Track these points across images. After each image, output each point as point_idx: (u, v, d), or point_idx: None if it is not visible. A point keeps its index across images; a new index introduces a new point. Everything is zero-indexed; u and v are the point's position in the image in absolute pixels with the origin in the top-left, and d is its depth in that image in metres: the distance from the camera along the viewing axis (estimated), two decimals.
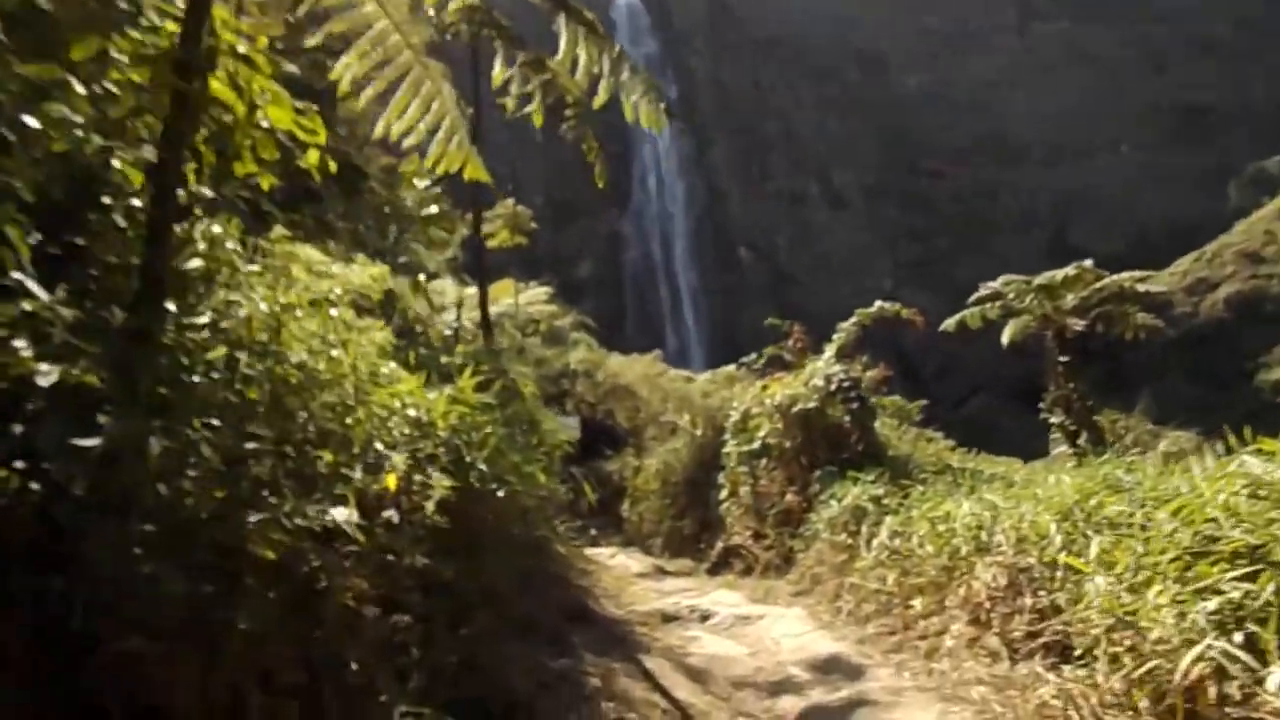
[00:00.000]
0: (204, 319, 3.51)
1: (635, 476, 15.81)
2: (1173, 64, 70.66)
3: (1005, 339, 10.55)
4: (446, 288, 17.00)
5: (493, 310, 18.77)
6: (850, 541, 8.03)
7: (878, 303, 10.18)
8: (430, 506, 4.13)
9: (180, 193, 3.54)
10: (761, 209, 68.94)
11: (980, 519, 6.42)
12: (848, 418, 9.45)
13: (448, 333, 11.25)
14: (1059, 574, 4.83)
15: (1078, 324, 9.97)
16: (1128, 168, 66.54)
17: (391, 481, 3.78)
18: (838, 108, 69.83)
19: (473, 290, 19.63)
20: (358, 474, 3.59)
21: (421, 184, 15.56)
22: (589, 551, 13.38)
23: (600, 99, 6.73)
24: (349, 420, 3.90)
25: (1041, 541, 5.21)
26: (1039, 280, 10.15)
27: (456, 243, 23.67)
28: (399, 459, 3.98)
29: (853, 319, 10.29)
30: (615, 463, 17.96)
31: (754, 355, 13.04)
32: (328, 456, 3.51)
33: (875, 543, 7.27)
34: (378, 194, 15.47)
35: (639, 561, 12.99)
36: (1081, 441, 9.42)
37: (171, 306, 3.16)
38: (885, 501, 8.12)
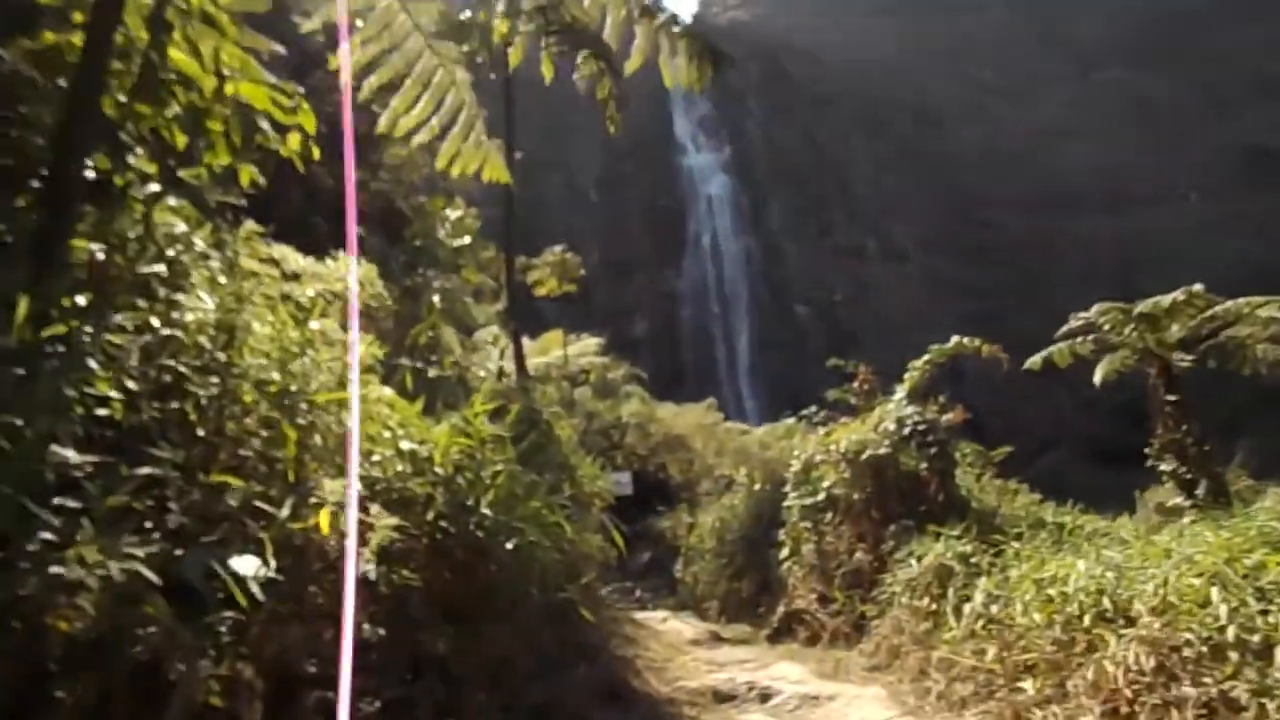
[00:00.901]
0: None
1: (689, 534, 14.69)
2: (1235, 107, 68.47)
3: (1098, 377, 9.28)
4: (493, 335, 16.33)
5: (541, 360, 18.01)
6: (935, 607, 6.80)
7: (954, 338, 9.05)
8: (371, 553, 3.14)
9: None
10: (818, 265, 67.88)
11: (1102, 582, 5.23)
12: (924, 465, 8.28)
13: (483, 373, 10.44)
14: (1233, 655, 3.67)
15: (1185, 359, 8.71)
16: (1194, 214, 64.12)
17: (324, 521, 2.81)
18: (893, 162, 68.87)
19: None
20: (285, 511, 2.67)
21: (454, 215, 14.95)
22: (639, 615, 12.19)
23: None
24: (285, 444, 2.99)
25: (1199, 613, 4.05)
26: (1140, 308, 8.91)
27: (506, 296, 23.06)
28: (336, 487, 3.01)
29: (926, 356, 9.17)
30: (669, 519, 16.85)
31: (814, 408, 11.82)
32: (234, 484, 2.60)
33: (967, 609, 6.04)
34: (418, 236, 14.88)
35: (692, 627, 11.72)
36: (1199, 493, 8.12)
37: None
38: (975, 561, 6.90)
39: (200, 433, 2.78)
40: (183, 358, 2.97)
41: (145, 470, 2.37)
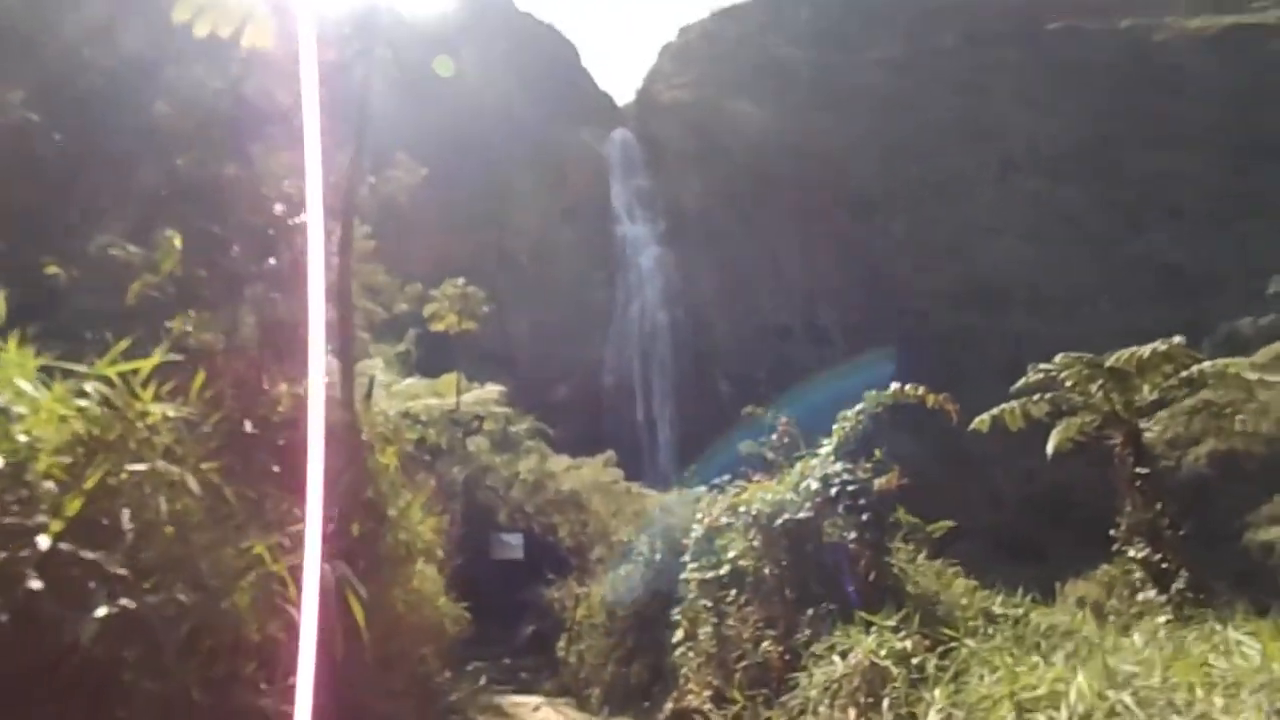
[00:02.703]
0: None
1: (576, 607, 12.69)
2: (1146, 225, 70.70)
3: (1052, 444, 7.79)
4: (376, 371, 14.35)
5: (429, 403, 16.00)
6: None
7: (893, 384, 7.46)
8: None
9: None
10: (745, 342, 67.18)
11: (1117, 705, 3.51)
12: (853, 536, 6.59)
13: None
14: None
15: (1154, 429, 7.25)
16: (1108, 321, 65.35)
17: None
18: (824, 248, 69.09)
19: (410, 382, 16.89)
20: None
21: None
22: (510, 700, 10.18)
23: None
24: None
25: None
26: (1112, 361, 7.47)
27: (410, 339, 21.11)
28: None
29: (859, 406, 7.54)
30: (560, 588, 14.82)
31: (727, 477, 9.99)
32: None
33: None
34: None
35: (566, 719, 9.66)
36: (1179, 585, 6.59)
37: None
38: (917, 662, 5.14)
39: None
40: None
41: None
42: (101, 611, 2.46)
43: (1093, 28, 77.22)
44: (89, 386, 3.24)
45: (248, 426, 5.09)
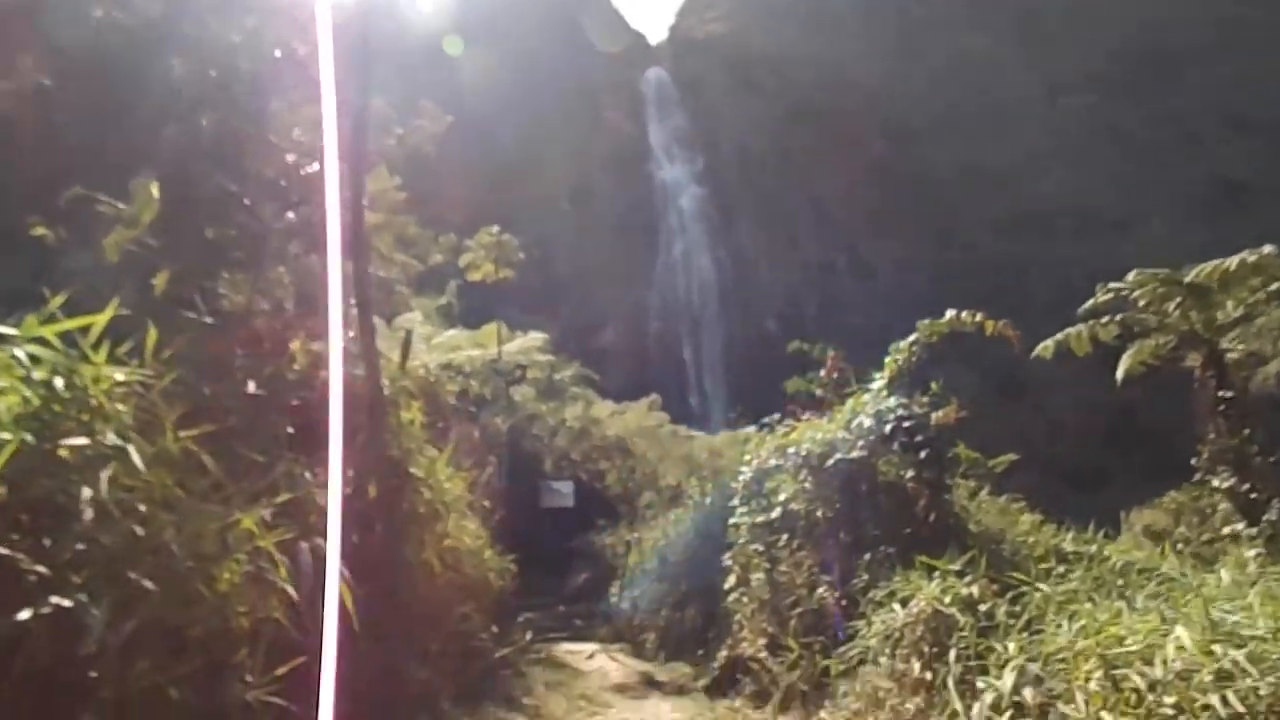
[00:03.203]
0: None
1: (628, 553, 12.47)
2: (1205, 140, 67.64)
3: (1123, 368, 7.18)
4: (414, 324, 14.14)
5: (470, 354, 15.77)
6: (928, 675, 4.62)
7: (950, 311, 6.94)
8: None
9: None
10: (789, 280, 66.17)
11: (1226, 663, 3.08)
12: (910, 475, 6.16)
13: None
14: None
15: (1236, 347, 6.65)
16: (1162, 242, 62.93)
17: None
18: (865, 179, 67.31)
19: (452, 334, 16.66)
20: None
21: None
22: (565, 648, 9.99)
23: None
24: None
25: None
26: (1191, 276, 6.81)
27: (451, 290, 20.86)
28: None
29: (913, 336, 7.05)
30: (611, 535, 14.63)
31: (777, 416, 9.48)
32: None
33: (986, 691, 3.86)
34: None
35: (622, 667, 9.47)
36: (1272, 516, 6.06)
37: None
38: (986, 609, 4.74)
39: None
40: None
41: None
42: (25, 614, 2.15)
43: None
44: (19, 351, 2.91)
45: (251, 387, 4.80)
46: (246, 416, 4.45)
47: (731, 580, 7.96)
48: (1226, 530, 6.57)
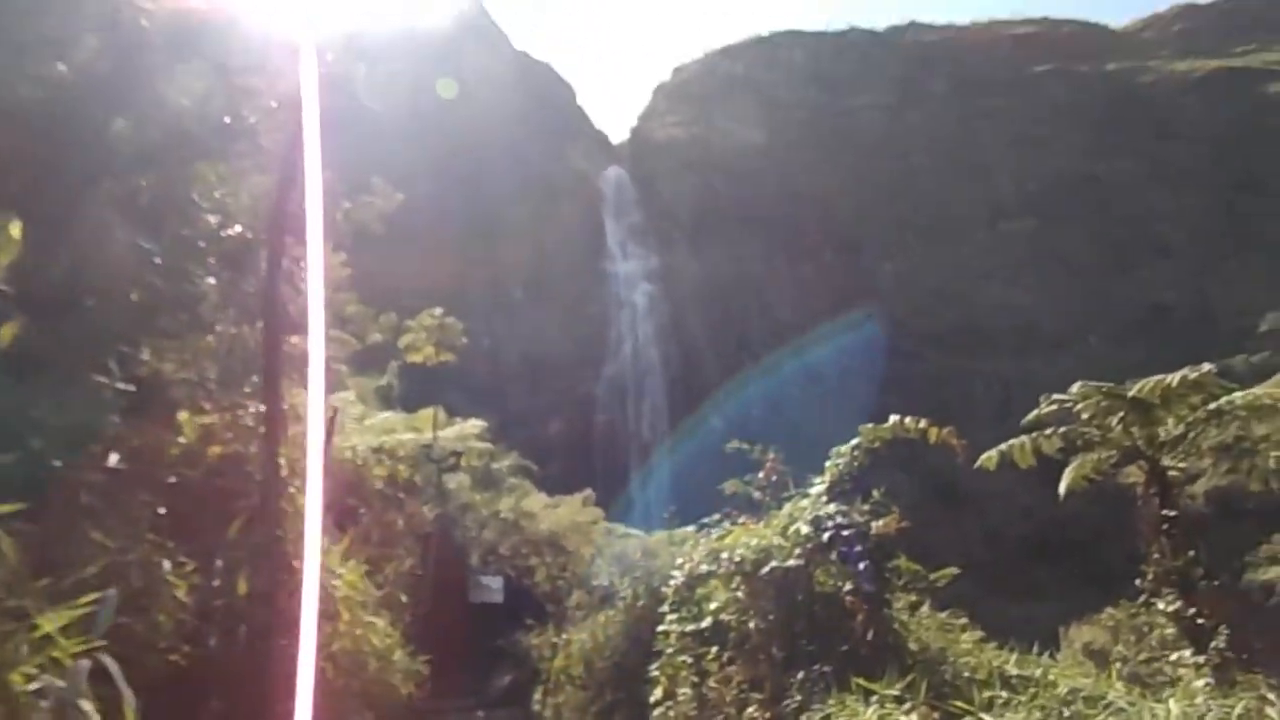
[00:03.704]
0: None
1: (553, 656, 11.78)
2: (1135, 264, 70.46)
3: (1065, 484, 6.98)
4: (347, 402, 13.58)
5: (402, 438, 15.20)
6: None
7: (893, 417, 6.70)
8: None
9: None
10: (736, 380, 66.58)
11: None
12: (848, 587, 5.80)
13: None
14: None
15: (1178, 465, 6.50)
16: (1096, 360, 64.82)
17: None
18: (816, 287, 68.69)
19: (386, 416, 16.09)
20: None
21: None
22: None
23: None
24: None
25: None
26: (1135, 391, 6.67)
27: (393, 370, 20.32)
28: None
29: (854, 440, 6.78)
30: (539, 635, 13.89)
31: (717, 516, 9.06)
32: None
33: None
34: None
35: None
36: (1219, 644, 5.77)
37: None
38: None
39: None
40: None
41: None
42: None
43: (1081, 70, 77.71)
44: None
45: (113, 460, 4.29)
46: (102, 494, 3.94)
47: (658, 693, 7.40)
48: (1174, 657, 6.28)
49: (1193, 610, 6.18)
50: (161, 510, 4.32)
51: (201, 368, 11.13)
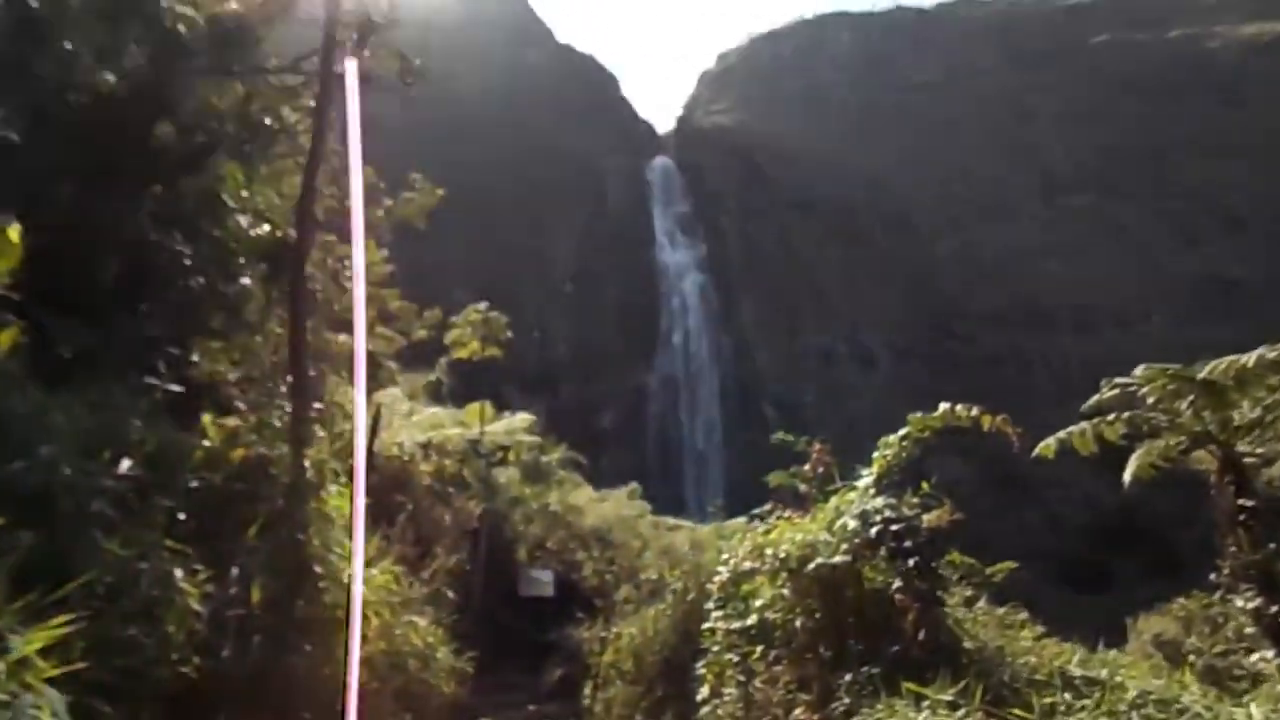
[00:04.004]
0: None
1: (603, 651, 11.65)
2: (1201, 238, 67.96)
3: (1130, 471, 6.54)
4: (393, 400, 13.58)
5: (449, 433, 15.19)
6: None
7: (943, 405, 6.38)
8: None
9: None
10: (788, 367, 65.85)
11: None
12: (898, 584, 5.52)
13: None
14: None
15: (1255, 452, 6.03)
16: (1161, 339, 62.68)
17: None
18: (867, 269, 67.52)
19: (433, 412, 16.12)
20: None
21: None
22: None
23: None
24: None
25: None
26: (1205, 373, 6.22)
27: (442, 366, 20.37)
28: None
29: (903, 430, 6.48)
30: (589, 629, 13.77)
31: (768, 506, 8.81)
32: None
33: None
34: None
35: None
36: None
37: None
38: None
39: None
40: None
41: None
42: None
43: (1141, 38, 74.98)
44: None
45: (124, 467, 4.19)
46: (118, 501, 3.86)
47: (704, 691, 7.20)
48: (1254, 657, 5.83)
49: (1275, 609, 5.75)
50: (182, 516, 4.23)
51: (249, 367, 11.19)
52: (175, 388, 7.60)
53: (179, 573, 3.71)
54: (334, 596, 4.91)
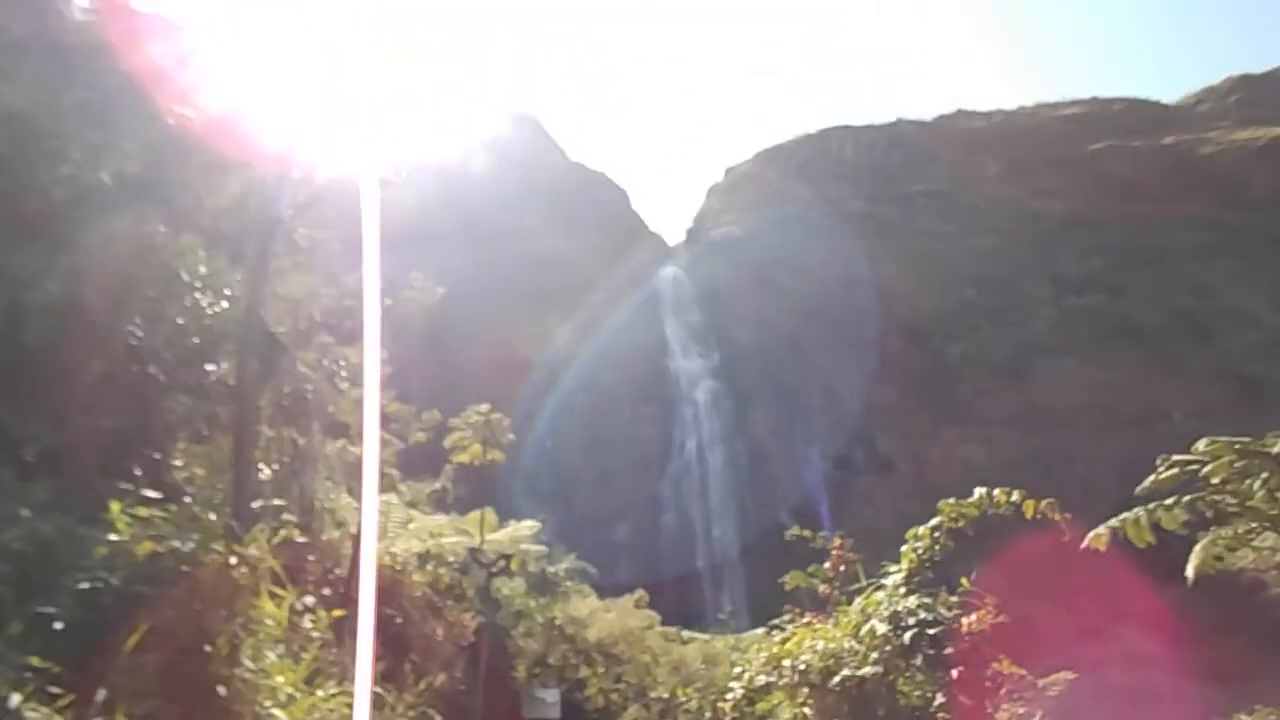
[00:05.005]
0: None
1: None
2: (1216, 335, 67.23)
3: (1193, 566, 5.68)
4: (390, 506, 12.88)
5: (459, 542, 14.40)
6: None
7: (978, 490, 5.61)
8: None
9: None
10: (804, 473, 64.64)
11: None
12: (939, 697, 4.67)
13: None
14: None
15: None
16: (1184, 436, 61.04)
17: None
18: (880, 374, 66.96)
19: (432, 519, 15.32)
20: None
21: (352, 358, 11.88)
22: None
23: None
24: None
25: None
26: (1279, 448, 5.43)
27: (447, 474, 19.65)
28: None
29: (934, 520, 5.68)
30: None
31: (786, 613, 7.94)
32: None
33: None
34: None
35: None
36: None
37: None
38: None
39: None
40: None
41: None
42: None
43: (1136, 145, 76.28)
44: None
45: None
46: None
47: None
48: None
49: None
50: (59, 625, 3.49)
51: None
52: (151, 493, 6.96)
53: (15, 698, 2.95)
54: None
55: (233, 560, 4.40)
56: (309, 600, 7.94)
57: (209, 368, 8.66)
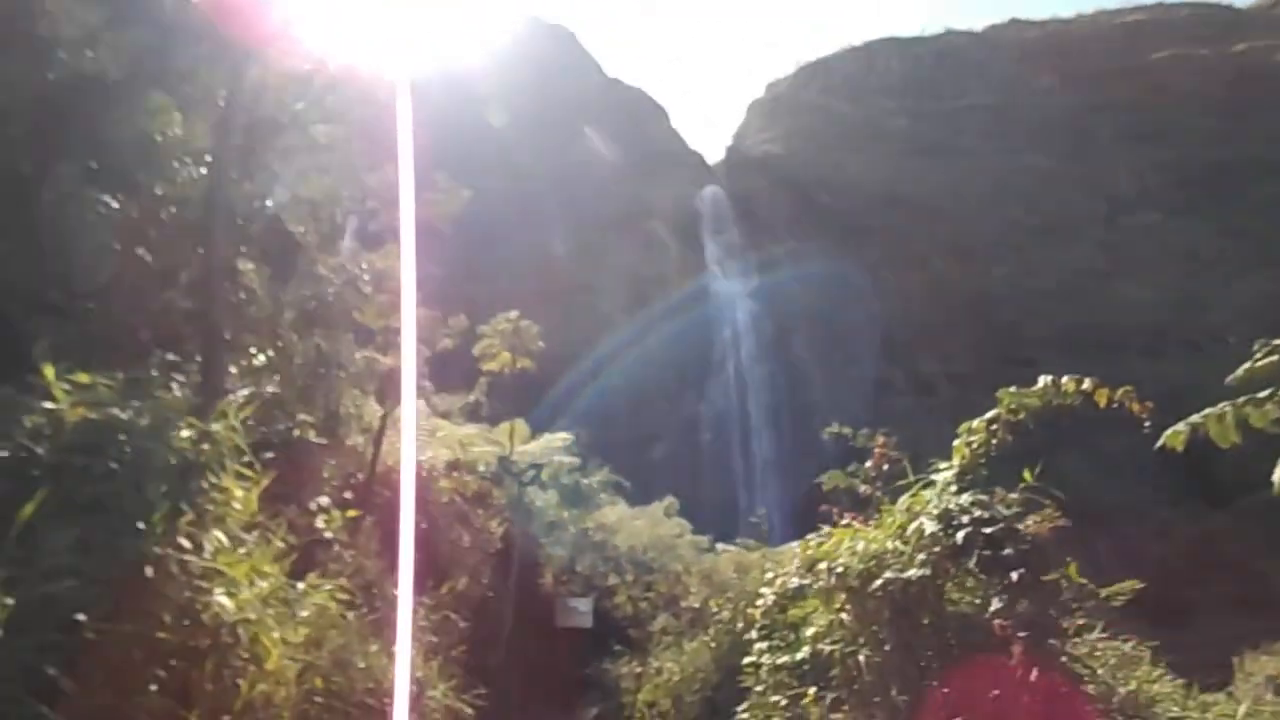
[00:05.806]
0: None
1: (639, 689, 10.26)
2: (1274, 256, 64.44)
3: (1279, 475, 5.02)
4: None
5: (489, 451, 14.09)
6: None
7: (1043, 378, 4.97)
8: None
9: None
10: (844, 395, 63.80)
11: None
12: (997, 605, 4.12)
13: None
14: None
15: None
16: (1240, 361, 59.15)
17: None
18: (923, 296, 65.40)
19: (462, 429, 15.00)
20: None
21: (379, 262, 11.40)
22: None
23: None
24: None
25: None
26: None
27: (481, 387, 19.29)
28: None
29: (991, 413, 5.06)
30: (625, 664, 12.38)
31: (824, 528, 7.37)
32: None
33: None
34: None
35: None
36: None
37: None
38: None
39: None
40: None
41: None
42: None
43: (1203, 53, 72.15)
44: None
45: None
46: None
47: None
48: None
49: None
50: None
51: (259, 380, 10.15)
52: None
53: None
54: (191, 615, 3.52)
55: (185, 433, 3.94)
56: (324, 500, 7.60)
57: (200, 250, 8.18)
